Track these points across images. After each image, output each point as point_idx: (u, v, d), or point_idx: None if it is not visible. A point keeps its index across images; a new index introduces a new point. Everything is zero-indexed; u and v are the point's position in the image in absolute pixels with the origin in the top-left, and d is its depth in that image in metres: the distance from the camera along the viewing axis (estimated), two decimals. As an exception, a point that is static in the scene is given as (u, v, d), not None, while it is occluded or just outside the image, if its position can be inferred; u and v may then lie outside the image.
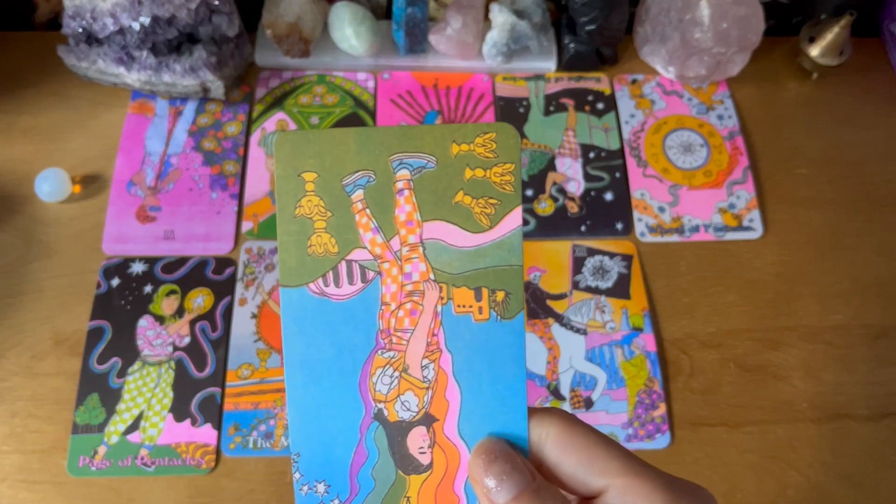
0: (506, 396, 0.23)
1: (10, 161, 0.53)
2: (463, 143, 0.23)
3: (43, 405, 0.45)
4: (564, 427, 0.21)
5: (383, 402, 0.23)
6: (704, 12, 0.54)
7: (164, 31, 0.51)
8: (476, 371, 0.23)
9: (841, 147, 0.58)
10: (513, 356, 0.23)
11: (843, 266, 0.53)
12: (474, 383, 0.23)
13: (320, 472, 0.24)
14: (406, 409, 0.23)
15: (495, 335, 0.23)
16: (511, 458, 0.21)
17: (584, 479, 0.21)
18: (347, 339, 0.23)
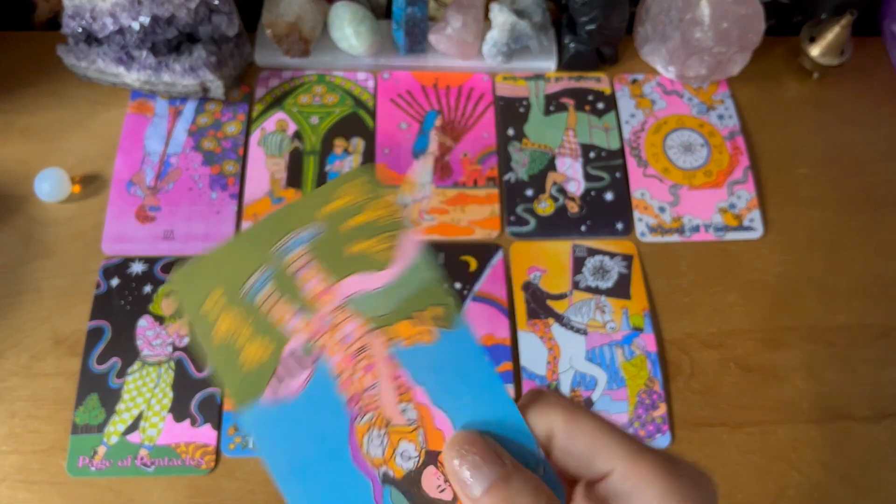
0: (488, 397, 0.23)
1: (9, 161, 0.53)
2: (332, 200, 0.24)
3: (42, 405, 0.44)
4: (569, 417, 0.21)
5: (384, 465, 0.23)
6: (705, 12, 0.53)
7: (164, 31, 0.51)
8: (451, 389, 0.23)
9: (842, 147, 0.58)
10: (475, 359, 0.23)
11: (844, 266, 0.52)
12: (455, 401, 0.23)
13: None
14: (407, 458, 0.23)
15: (450, 348, 0.24)
16: (483, 445, 0.22)
17: (589, 463, 0.21)
18: (322, 425, 0.23)
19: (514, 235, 0.52)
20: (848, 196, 0.56)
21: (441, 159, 0.55)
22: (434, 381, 0.23)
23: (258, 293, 0.23)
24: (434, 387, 0.23)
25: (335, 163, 0.54)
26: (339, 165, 0.54)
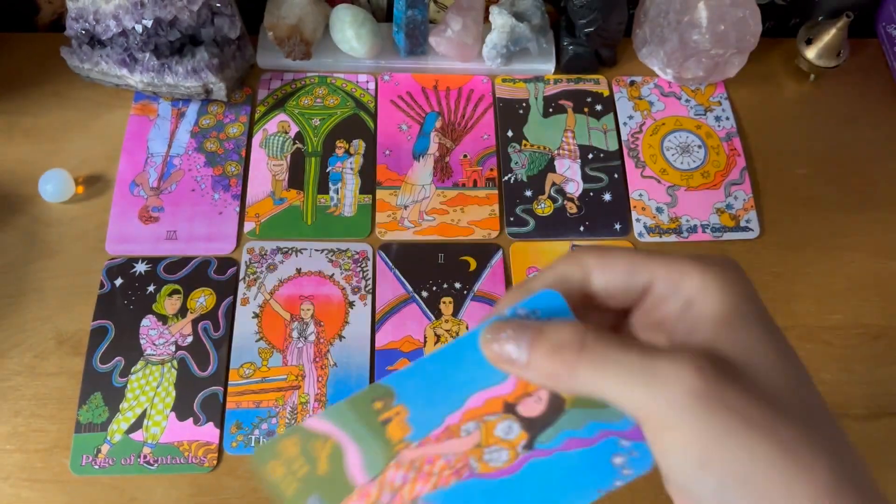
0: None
1: (13, 161, 0.53)
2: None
3: (46, 404, 0.45)
4: (599, 252, 0.23)
5: None
6: (702, 14, 0.54)
7: (167, 33, 0.52)
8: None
9: (838, 148, 0.58)
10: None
11: (840, 266, 0.53)
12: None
13: None
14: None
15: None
16: (512, 322, 0.23)
17: (630, 285, 0.23)
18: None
19: (513, 236, 0.53)
20: (844, 197, 0.56)
21: (441, 160, 0.56)
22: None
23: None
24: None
25: (336, 164, 0.55)
26: (340, 167, 0.55)
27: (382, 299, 0.49)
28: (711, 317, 0.21)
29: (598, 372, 0.21)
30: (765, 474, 0.20)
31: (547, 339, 0.21)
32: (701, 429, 0.20)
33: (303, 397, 0.46)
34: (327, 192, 0.53)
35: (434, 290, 0.50)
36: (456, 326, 0.49)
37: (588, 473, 0.24)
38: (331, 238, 0.52)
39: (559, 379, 0.21)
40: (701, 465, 0.20)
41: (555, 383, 0.22)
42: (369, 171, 0.54)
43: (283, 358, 0.47)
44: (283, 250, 0.51)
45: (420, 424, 0.24)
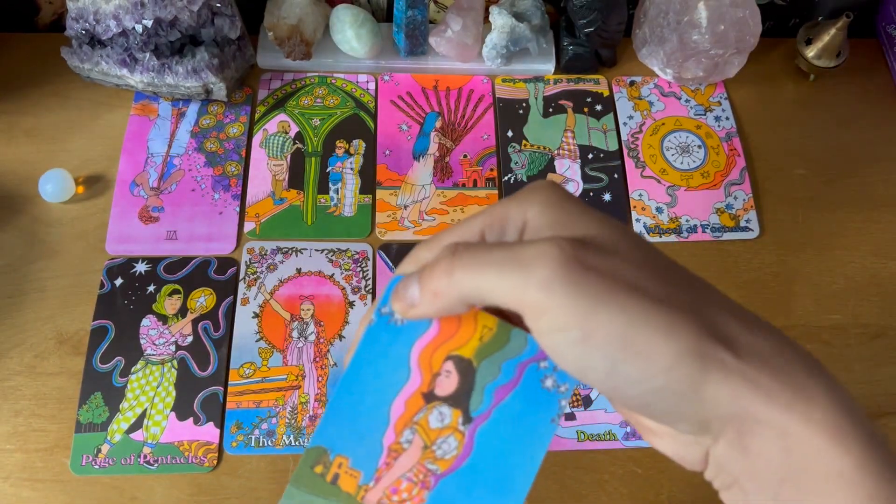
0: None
1: (13, 161, 0.53)
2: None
3: (46, 404, 0.45)
4: (547, 203, 0.23)
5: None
6: (702, 14, 0.54)
7: (167, 33, 0.52)
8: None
9: (838, 148, 0.58)
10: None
11: (839, 266, 0.53)
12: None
13: None
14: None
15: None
16: (401, 281, 0.24)
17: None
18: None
19: (513, 236, 0.53)
20: (844, 197, 0.56)
21: (441, 160, 0.56)
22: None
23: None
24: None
25: (336, 164, 0.55)
26: (341, 167, 0.55)
27: (382, 299, 0.49)
28: (548, 219, 0.22)
29: (472, 270, 0.21)
30: (644, 332, 0.20)
31: (426, 264, 0.23)
32: (572, 302, 0.20)
33: (303, 397, 0.46)
34: (327, 192, 0.53)
35: (434, 290, 0.50)
36: (456, 326, 0.49)
37: (533, 411, 0.24)
38: (331, 238, 0.52)
39: (445, 293, 0.22)
40: (583, 341, 0.20)
41: (444, 301, 0.22)
42: (369, 171, 0.55)
43: (284, 358, 0.47)
44: (283, 250, 0.51)
45: (365, 463, 0.24)
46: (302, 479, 0.24)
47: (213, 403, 0.45)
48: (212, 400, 0.45)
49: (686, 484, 0.45)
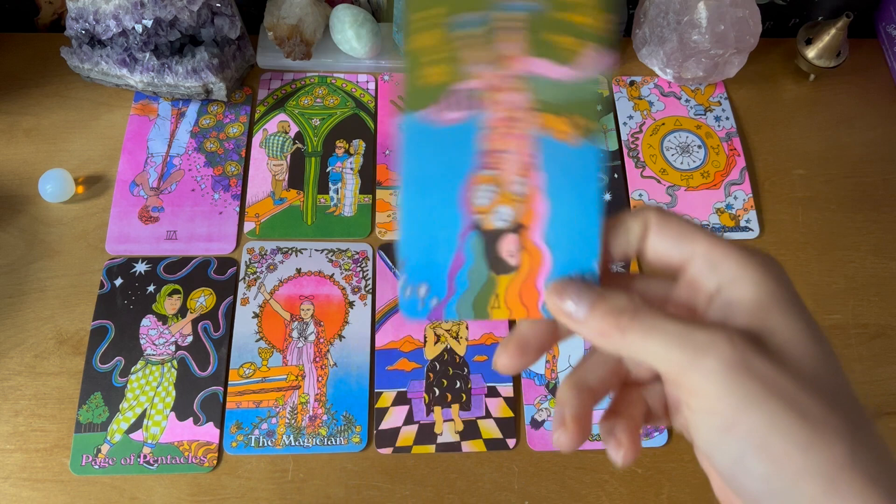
0: (584, 209, 0.27)
1: (13, 161, 0.53)
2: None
3: (46, 404, 0.45)
4: (661, 215, 0.25)
5: (481, 214, 0.27)
6: (702, 14, 0.54)
7: (167, 33, 0.52)
8: (562, 187, 0.27)
9: (838, 148, 0.58)
10: (591, 175, 0.27)
11: (840, 266, 0.53)
12: (560, 198, 0.27)
13: (422, 276, 0.27)
14: (500, 219, 0.27)
15: (579, 156, 0.27)
16: (576, 283, 0.25)
17: (674, 255, 0.25)
18: (452, 159, 0.27)
19: (513, 236, 0.53)
20: (844, 196, 0.56)
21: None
22: (553, 173, 0.27)
23: (463, 29, 0.26)
24: (551, 177, 0.27)
25: (336, 164, 0.55)
26: (341, 167, 0.55)
27: (382, 299, 0.49)
28: (748, 302, 0.23)
29: (645, 337, 0.23)
30: (783, 441, 0.21)
31: (606, 304, 0.24)
32: (727, 395, 0.21)
33: (303, 397, 0.46)
34: (327, 192, 0.53)
35: (434, 290, 0.50)
36: (456, 326, 0.49)
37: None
38: (331, 238, 0.52)
39: (610, 338, 0.24)
40: (725, 430, 0.21)
41: (604, 341, 0.24)
42: (369, 171, 0.55)
43: (283, 358, 0.47)
44: (283, 250, 0.51)
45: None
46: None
47: (213, 403, 0.45)
48: (212, 400, 0.45)
49: (686, 484, 0.45)
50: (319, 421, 0.45)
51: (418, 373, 0.47)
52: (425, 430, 0.45)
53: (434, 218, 0.27)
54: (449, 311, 0.28)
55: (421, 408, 0.46)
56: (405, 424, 0.45)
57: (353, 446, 0.45)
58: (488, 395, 0.47)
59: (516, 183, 0.27)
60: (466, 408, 0.46)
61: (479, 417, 0.46)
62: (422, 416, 0.46)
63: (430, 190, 0.27)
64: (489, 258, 0.27)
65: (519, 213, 0.27)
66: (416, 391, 0.46)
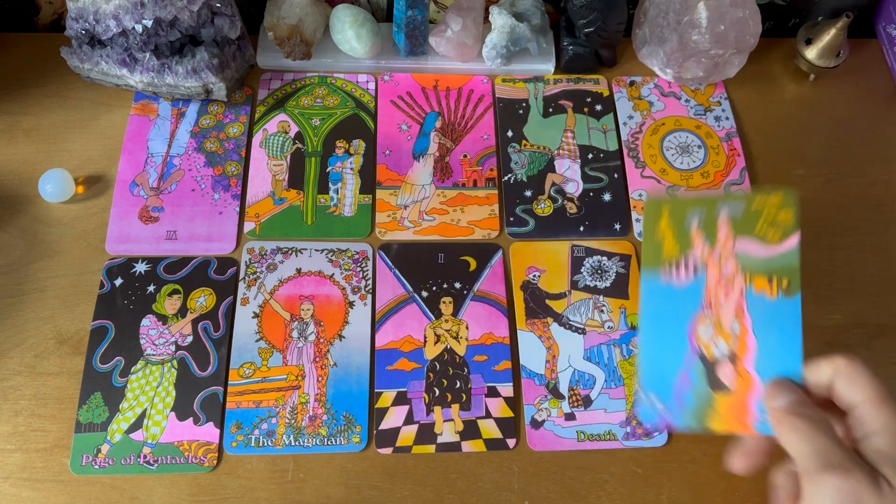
0: (787, 347, 0.36)
1: (13, 161, 0.53)
2: (759, 197, 0.38)
3: (46, 404, 0.45)
4: (848, 364, 0.33)
5: (704, 346, 0.37)
6: (702, 14, 0.54)
7: (167, 33, 0.52)
8: (767, 329, 0.36)
9: (837, 148, 0.59)
10: (793, 321, 0.36)
11: (840, 266, 0.53)
12: (766, 337, 0.36)
13: (657, 391, 0.38)
14: (719, 350, 0.37)
15: (781, 307, 0.36)
16: (788, 385, 0.34)
17: (847, 397, 0.32)
18: (682, 305, 0.38)
19: (513, 236, 0.53)
20: (844, 197, 0.56)
21: (441, 160, 0.56)
22: (759, 319, 0.37)
23: (691, 221, 0.38)
24: (758, 322, 0.36)
25: (336, 164, 0.55)
26: (340, 167, 0.55)
27: (382, 299, 0.49)
28: (881, 455, 0.30)
29: (788, 436, 0.32)
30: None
31: (771, 397, 0.34)
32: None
33: (303, 397, 0.46)
34: (327, 192, 0.53)
35: (434, 289, 0.50)
36: (456, 326, 0.49)
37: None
38: (331, 238, 0.52)
39: (773, 420, 0.33)
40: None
41: (771, 421, 0.34)
42: (369, 171, 0.55)
43: (283, 358, 0.47)
44: (283, 250, 0.51)
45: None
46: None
47: (213, 403, 0.45)
48: (212, 400, 0.45)
49: (686, 484, 0.45)
50: (319, 421, 0.45)
51: (418, 373, 0.47)
52: (425, 430, 0.45)
53: (667, 347, 0.38)
54: (677, 420, 0.37)
55: (421, 408, 0.46)
56: (405, 424, 0.45)
57: (353, 446, 0.45)
58: (488, 395, 0.47)
59: (731, 324, 0.37)
60: (466, 408, 0.46)
61: (479, 417, 0.46)
62: (422, 416, 0.46)
63: (664, 326, 0.38)
64: (710, 380, 0.37)
65: (733, 346, 0.37)
66: (416, 391, 0.46)
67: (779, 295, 0.37)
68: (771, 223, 0.38)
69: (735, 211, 0.38)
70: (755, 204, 0.38)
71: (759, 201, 0.38)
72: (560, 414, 0.46)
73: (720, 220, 0.38)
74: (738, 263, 0.38)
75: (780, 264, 0.38)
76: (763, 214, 0.38)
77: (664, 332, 0.38)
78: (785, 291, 0.37)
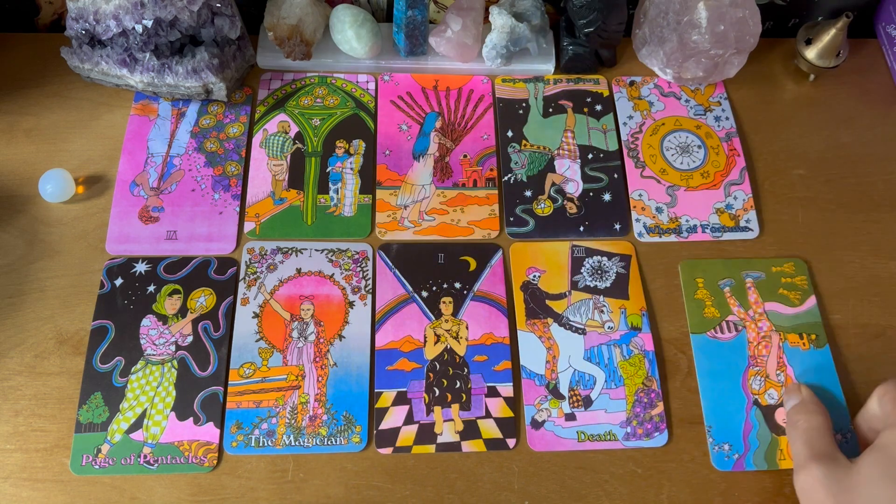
0: (829, 389, 0.46)
1: (13, 161, 0.53)
2: (774, 267, 0.50)
3: (46, 404, 0.45)
4: (884, 387, 0.42)
5: (758, 394, 0.46)
6: (702, 14, 0.54)
7: (167, 33, 0.52)
8: (807, 375, 0.47)
9: (838, 148, 0.59)
10: (829, 368, 0.47)
11: (840, 266, 0.53)
12: (808, 382, 0.46)
13: (725, 437, 0.45)
14: (771, 397, 0.46)
15: (813, 357, 0.47)
16: (795, 387, 0.45)
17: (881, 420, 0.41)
18: (732, 360, 0.47)
19: (513, 236, 0.53)
20: (844, 197, 0.56)
21: (441, 160, 0.56)
22: (798, 367, 0.47)
23: (723, 287, 0.50)
24: (797, 370, 0.47)
25: (336, 164, 0.55)
26: (341, 167, 0.55)
27: (382, 299, 0.49)
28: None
29: (790, 431, 0.43)
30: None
31: (804, 405, 0.44)
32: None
33: (303, 397, 0.46)
34: (327, 192, 0.53)
35: (434, 290, 0.50)
36: (456, 326, 0.49)
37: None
38: (331, 238, 0.52)
39: (789, 418, 0.44)
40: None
41: (789, 418, 0.44)
42: (369, 171, 0.55)
43: (283, 358, 0.47)
44: (283, 250, 0.51)
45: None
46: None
47: (213, 403, 0.45)
48: (212, 400, 0.45)
49: (686, 484, 0.45)
50: (319, 421, 0.45)
51: (418, 373, 0.47)
52: (425, 430, 0.45)
53: (726, 398, 0.46)
54: (748, 463, 0.44)
55: (421, 408, 0.46)
56: (405, 424, 0.45)
57: (353, 446, 0.45)
58: (488, 395, 0.47)
59: (777, 374, 0.46)
60: (466, 408, 0.46)
61: (479, 417, 0.46)
62: (422, 416, 0.46)
63: (720, 380, 0.46)
64: (769, 424, 0.45)
65: (781, 394, 0.46)
66: (416, 391, 0.46)
67: (811, 347, 0.47)
68: (790, 288, 0.48)
69: (758, 277, 0.49)
70: (773, 270, 0.49)
71: (776, 269, 0.49)
72: (560, 414, 0.46)
73: (748, 285, 0.49)
74: (771, 323, 0.48)
75: (805, 321, 0.48)
76: (781, 280, 0.48)
77: (721, 384, 0.46)
78: (815, 344, 0.47)
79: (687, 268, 0.50)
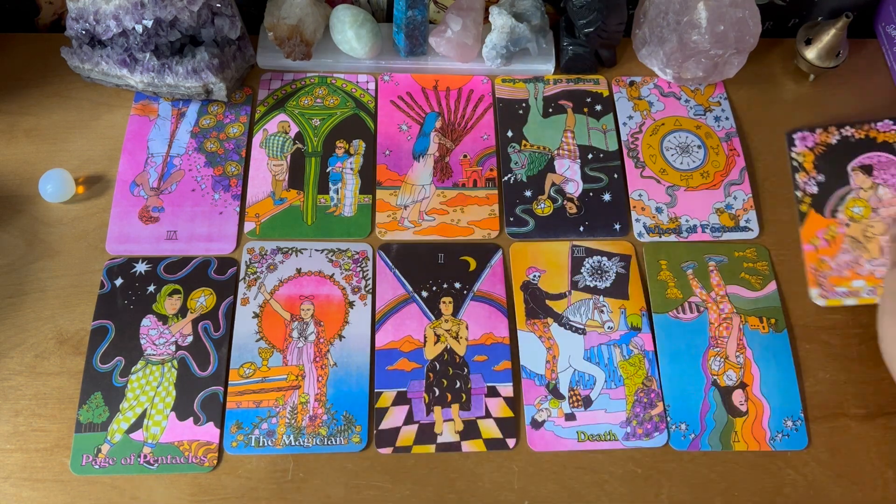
0: (784, 374, 0.47)
1: (14, 161, 0.53)
2: (736, 252, 0.51)
3: (46, 404, 0.45)
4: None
5: (716, 375, 0.47)
6: (702, 15, 0.54)
7: (167, 34, 0.52)
8: (766, 359, 0.47)
9: (837, 148, 0.58)
10: (785, 352, 0.48)
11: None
12: (766, 366, 0.47)
13: (682, 417, 0.46)
14: (729, 379, 0.47)
15: (773, 341, 0.48)
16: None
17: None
18: (693, 341, 0.48)
19: (513, 236, 0.53)
20: (843, 197, 0.56)
21: (441, 160, 0.56)
22: (758, 351, 0.48)
23: (686, 269, 0.50)
24: (756, 353, 0.48)
25: (336, 164, 0.55)
26: (341, 167, 0.55)
27: (382, 299, 0.49)
28: None
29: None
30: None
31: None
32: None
33: (303, 397, 0.46)
34: (327, 192, 0.53)
35: (434, 289, 0.50)
36: (456, 326, 0.49)
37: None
38: (331, 238, 0.52)
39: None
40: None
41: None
42: (369, 171, 0.55)
43: (283, 358, 0.47)
44: (283, 250, 0.51)
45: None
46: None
47: (213, 403, 0.45)
48: (212, 400, 0.45)
49: (686, 484, 0.45)
50: (319, 421, 0.45)
51: (418, 373, 0.47)
52: (425, 430, 0.45)
53: (685, 378, 0.46)
54: (703, 444, 0.45)
55: (421, 408, 0.46)
56: (405, 424, 0.45)
57: (353, 446, 0.45)
58: (488, 395, 0.47)
59: (736, 356, 0.47)
60: (466, 408, 0.46)
61: (479, 417, 0.46)
62: (422, 416, 0.46)
63: (680, 360, 0.47)
64: (726, 406, 0.46)
65: (741, 375, 0.46)
66: (416, 391, 0.46)
67: (770, 331, 0.48)
68: (751, 272, 0.49)
69: (720, 261, 0.50)
70: (735, 255, 0.49)
71: (738, 254, 0.49)
72: (560, 414, 0.46)
73: (710, 268, 0.50)
74: (733, 305, 0.48)
75: (765, 305, 0.49)
76: (743, 264, 0.49)
77: (681, 364, 0.47)
78: (774, 328, 0.48)
79: (651, 249, 0.50)
